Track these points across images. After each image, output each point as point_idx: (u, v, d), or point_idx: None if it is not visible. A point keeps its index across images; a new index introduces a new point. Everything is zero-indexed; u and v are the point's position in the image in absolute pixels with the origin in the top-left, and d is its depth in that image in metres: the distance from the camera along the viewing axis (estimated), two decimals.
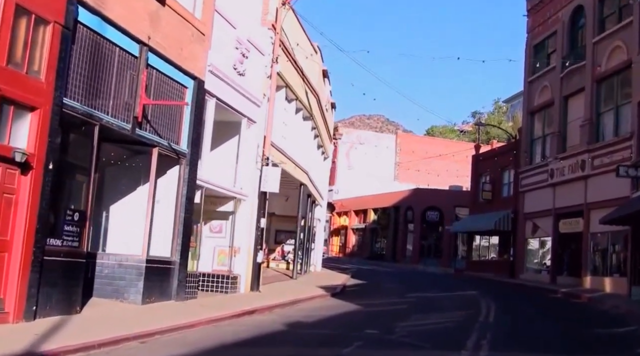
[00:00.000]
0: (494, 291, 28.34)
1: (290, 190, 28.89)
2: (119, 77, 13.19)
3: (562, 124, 35.18)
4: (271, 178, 19.41)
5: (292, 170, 24.70)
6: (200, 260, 19.01)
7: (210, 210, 18.95)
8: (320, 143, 33.54)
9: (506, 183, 44.10)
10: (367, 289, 26.58)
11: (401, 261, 58.03)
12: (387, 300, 21.34)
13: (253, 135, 19.55)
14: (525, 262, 38.64)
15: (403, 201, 59.95)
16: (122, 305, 13.82)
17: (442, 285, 31.18)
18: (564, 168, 33.64)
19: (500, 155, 45.41)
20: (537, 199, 37.08)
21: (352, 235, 70.17)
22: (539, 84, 38.81)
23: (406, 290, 25.86)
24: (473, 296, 24.39)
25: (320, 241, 37.16)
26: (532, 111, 39.62)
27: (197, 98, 15.86)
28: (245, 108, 18.72)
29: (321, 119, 31.09)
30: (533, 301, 25.00)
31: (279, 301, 17.67)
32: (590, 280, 30.29)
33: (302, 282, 25.53)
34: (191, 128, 15.70)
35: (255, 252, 19.53)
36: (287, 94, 23.89)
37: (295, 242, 27.30)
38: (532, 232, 38.18)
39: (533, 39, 40.26)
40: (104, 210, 15.58)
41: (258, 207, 19.72)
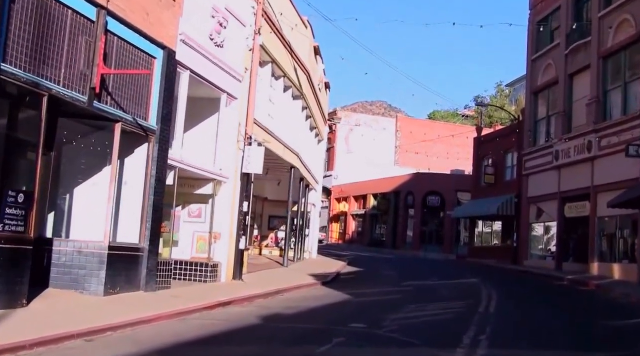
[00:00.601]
0: (497, 279, 27.01)
1: (282, 174, 27.56)
2: (72, 43, 11.76)
3: (567, 104, 33.79)
4: (254, 159, 18.00)
5: (281, 151, 23.30)
6: (179, 247, 17.75)
7: (187, 193, 17.60)
8: (314, 125, 32.10)
9: (509, 167, 42.68)
10: (363, 277, 25.25)
11: (402, 248, 56.69)
12: (381, 289, 19.99)
13: (234, 113, 18.13)
14: (530, 248, 37.35)
15: (403, 186, 58.49)
16: (81, 296, 12.46)
17: (442, 273, 29.84)
18: (570, 149, 32.30)
19: (502, 137, 43.93)
20: (541, 182, 35.77)
21: (352, 222, 68.74)
22: (542, 62, 37.35)
23: (403, 278, 24.52)
24: (474, 285, 23.04)
25: (315, 227, 35.80)
26: (535, 91, 38.19)
27: (168, 71, 14.44)
28: (224, 83, 17.29)
29: (314, 99, 29.64)
30: (537, 289, 23.67)
31: (262, 291, 16.32)
32: (597, 267, 28.98)
33: (293, 270, 24.21)
34: (161, 103, 14.28)
35: (238, 237, 18.15)
36: (274, 71, 22.47)
37: (286, 228, 25.92)
38: (536, 216, 36.82)
39: (536, 16, 38.78)
40: (66, 192, 14.21)
41: (240, 189, 18.33)
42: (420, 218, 57.33)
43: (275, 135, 22.41)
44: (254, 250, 32.25)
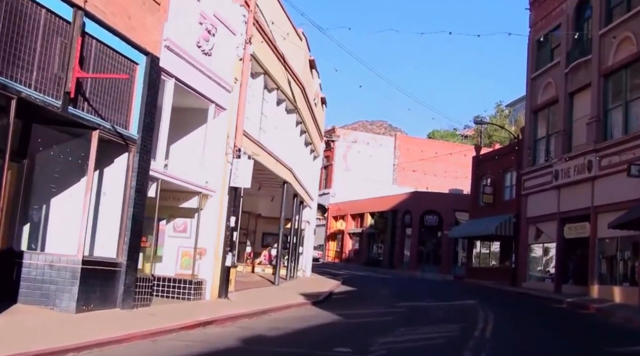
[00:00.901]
0: (494, 301, 26.23)
1: (275, 189, 26.90)
2: (46, 44, 11.12)
3: (567, 122, 33.19)
4: (242, 172, 17.31)
5: (273, 166, 22.63)
6: (163, 263, 17.04)
7: (172, 206, 16.90)
8: (309, 140, 31.47)
9: (508, 186, 42.00)
10: (356, 297, 24.46)
11: (399, 267, 55.82)
12: (374, 309, 19.22)
13: (223, 124, 17.48)
14: (528, 269, 36.56)
15: (401, 204, 57.74)
16: (51, 313, 11.71)
17: (439, 294, 29.04)
18: (570, 169, 31.65)
19: (501, 156, 43.29)
20: (540, 202, 35.08)
21: (349, 240, 67.89)
22: (542, 81, 36.81)
23: (398, 299, 23.75)
24: (470, 306, 22.27)
25: (309, 245, 35.04)
26: (535, 109, 37.61)
27: (151, 77, 13.79)
28: (212, 93, 16.65)
29: (309, 114, 29.04)
30: (536, 311, 22.89)
31: (248, 310, 15.56)
32: (597, 289, 28.20)
33: (284, 289, 23.43)
34: (143, 111, 13.61)
35: (225, 254, 17.42)
36: (267, 82, 21.87)
37: (278, 246, 25.19)
38: (535, 237, 36.07)
39: (536, 34, 38.29)
40: (42, 203, 13.49)
41: (228, 204, 17.63)
42: (418, 238, 56.52)
43: (267, 149, 21.76)
44: (246, 268, 31.51)
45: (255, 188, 26.82)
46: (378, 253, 62.42)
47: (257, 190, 27.06)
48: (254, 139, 20.03)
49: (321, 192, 72.35)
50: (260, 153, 20.67)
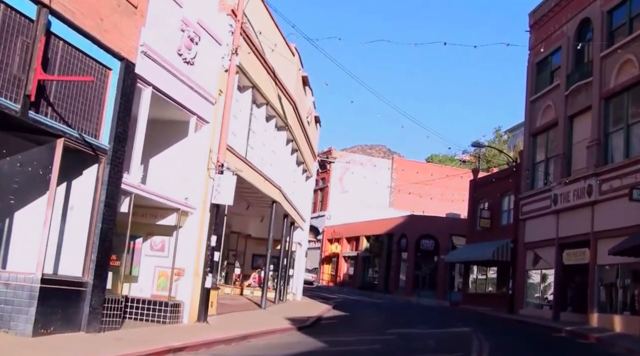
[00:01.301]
0: (490, 329, 25.21)
1: (264, 209, 26.01)
2: (5, 42, 10.26)
3: (567, 146, 32.43)
4: (225, 189, 16.40)
5: (261, 184, 21.73)
6: (139, 283, 16.07)
7: (149, 223, 15.97)
8: (301, 159, 30.61)
9: (505, 210, 41.09)
10: (345, 323, 23.42)
11: (394, 292, 54.67)
12: (362, 336, 18.19)
13: (205, 138, 16.61)
14: (526, 296, 35.55)
15: (397, 228, 56.75)
16: (4, 336, 10.72)
17: (432, 320, 28.00)
18: (569, 193, 30.81)
19: (499, 179, 42.45)
20: (538, 227, 34.20)
21: (344, 264, 66.78)
22: (542, 104, 36.12)
23: (389, 325, 22.73)
24: (465, 335, 21.24)
25: (301, 267, 34.01)
26: (534, 132, 36.88)
27: (125, 84, 12.92)
28: (194, 105, 15.79)
29: (301, 132, 28.20)
30: (534, 341, 21.86)
31: (226, 335, 14.57)
32: (597, 318, 27.20)
33: (270, 313, 22.40)
34: (115, 120, 12.73)
35: (205, 274, 16.44)
36: (256, 97, 21.06)
37: (266, 267, 24.20)
38: (533, 263, 35.10)
39: (536, 56, 37.72)
40: (4, 216, 12.53)
41: (209, 222, 16.69)
42: (414, 262, 55.47)
43: (254, 166, 20.88)
44: (235, 290, 30.48)
45: (243, 207, 25.95)
46: (373, 277, 61.30)
47: (245, 209, 26.17)
48: (240, 155, 19.16)
49: (317, 214, 71.49)
50: (246, 170, 19.79)
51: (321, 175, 72.06)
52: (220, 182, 16.37)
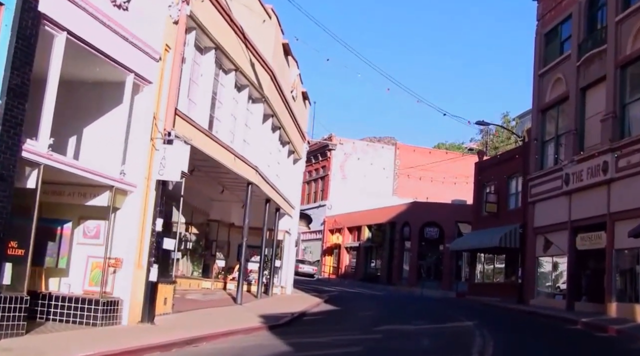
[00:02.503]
0: (496, 322, 22.51)
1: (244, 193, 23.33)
2: None
3: (579, 121, 29.73)
4: (172, 162, 13.66)
5: (231, 162, 18.98)
6: (70, 277, 13.39)
7: (78, 204, 13.25)
8: (286, 138, 27.85)
9: (513, 194, 38.29)
10: (331, 319, 20.68)
11: (397, 283, 51.90)
12: (343, 336, 15.44)
13: (148, 101, 13.85)
14: (536, 285, 32.87)
15: (399, 216, 53.90)
16: None
17: (432, 313, 25.27)
18: (582, 172, 28.17)
19: (506, 161, 39.61)
20: (549, 210, 31.54)
21: (346, 255, 63.97)
22: (551, 77, 33.36)
23: (380, 321, 20.01)
24: (467, 330, 18.49)
25: (290, 257, 31.25)
26: (543, 108, 34.10)
27: (22, 24, 10.18)
28: (130, 60, 13.02)
29: (284, 107, 25.40)
30: (546, 335, 19.09)
31: (169, 339, 11.85)
32: (616, 308, 24.55)
33: (245, 309, 19.66)
34: (9, 70, 10.00)
35: (149, 266, 13.72)
36: (222, 62, 18.35)
37: (241, 258, 21.45)
38: (543, 249, 32.32)
39: (544, 27, 34.93)
40: None
41: (155, 202, 13.93)
42: (417, 252, 52.66)
43: (220, 141, 18.13)
44: (216, 284, 27.85)
45: (217, 191, 23.31)
46: (376, 268, 58.55)
47: (220, 193, 23.51)
48: (199, 126, 16.41)
49: (317, 204, 68.80)
50: (209, 145, 17.07)
51: (321, 163, 69.33)
52: (166, 154, 13.62)
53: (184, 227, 24.79)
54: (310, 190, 71.94)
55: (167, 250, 15.38)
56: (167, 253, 15.52)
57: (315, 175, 71.09)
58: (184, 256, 26.68)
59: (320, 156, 69.78)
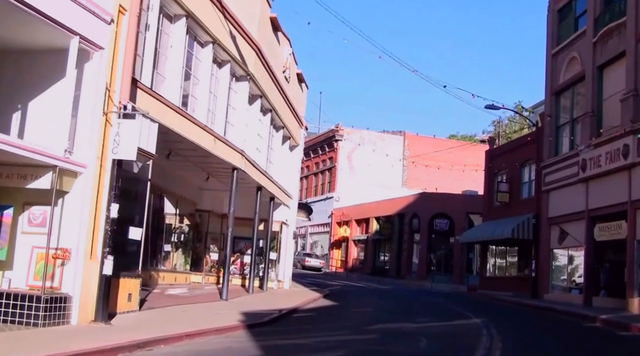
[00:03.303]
0: (507, 320, 20.62)
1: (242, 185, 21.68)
2: None
3: (596, 102, 27.80)
4: (128, 138, 11.86)
5: (210, 144, 17.19)
6: (14, 270, 11.67)
7: (20, 188, 11.51)
8: (279, 122, 26.02)
9: (526, 182, 36.26)
10: (324, 316, 18.83)
11: (406, 277, 49.98)
12: (329, 336, 13.63)
13: (99, 69, 12.04)
14: (551, 279, 30.86)
15: (408, 207, 51.93)
16: None
17: (438, 310, 23.41)
18: (600, 157, 26.28)
19: (518, 147, 37.57)
20: (564, 199, 29.64)
21: (354, 248, 62.04)
22: (565, 56, 31.37)
23: (379, 319, 18.17)
24: (473, 329, 16.65)
25: (288, 250, 29.42)
26: (557, 90, 32.08)
27: None
28: (75, 22, 11.22)
29: (274, 88, 23.55)
30: (561, 334, 17.24)
31: (121, 342, 10.13)
32: (638, 303, 22.73)
33: (229, 306, 17.86)
34: None
35: (103, 257, 11.94)
36: (195, 32, 16.59)
37: (226, 249, 19.65)
38: (559, 240, 30.36)
39: (557, 2, 32.85)
40: None
41: (110, 185, 12.14)
42: (427, 244, 50.67)
43: (197, 120, 16.37)
44: (208, 278, 26.16)
45: (202, 178, 21.57)
46: (384, 261, 56.62)
47: (205, 180, 21.77)
48: (169, 102, 14.65)
49: (324, 196, 66.95)
50: (182, 123, 15.31)
51: (328, 154, 67.49)
52: (121, 130, 11.83)
53: (173, 218, 23.15)
54: (318, 182, 70.14)
55: (133, 241, 13.65)
56: (134, 244, 13.77)
57: (322, 166, 69.24)
58: (177, 249, 25.03)
59: (327, 147, 67.93)
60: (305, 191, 72.80)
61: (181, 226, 24.23)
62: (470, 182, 55.25)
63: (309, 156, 72.50)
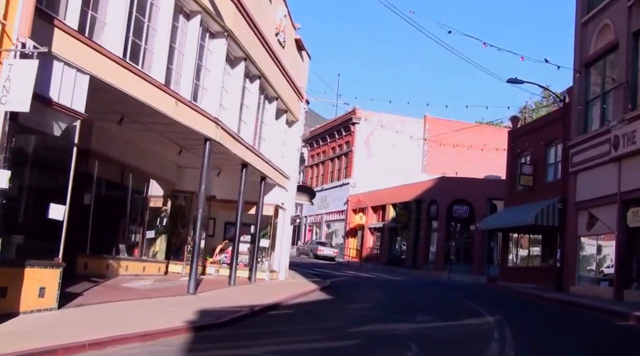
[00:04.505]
0: (525, 318, 17.76)
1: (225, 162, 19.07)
2: None
3: (631, 72, 24.85)
4: (22, 82, 9.07)
5: (171, 109, 14.43)
6: None
7: None
8: (272, 93, 23.16)
9: (552, 164, 33.08)
10: (307, 314, 15.98)
11: (423, 267, 46.92)
12: (296, 344, 10.81)
13: None
14: (578, 269, 27.81)
15: (426, 193, 48.78)
16: None
17: (448, 305, 20.60)
18: (635, 133, 23.52)
19: (544, 126, 34.36)
20: (594, 181, 26.64)
21: (370, 236, 59.03)
22: (596, 24, 28.22)
23: (372, 317, 15.36)
24: (483, 330, 13.81)
25: (285, 237, 26.57)
26: (587, 62, 28.90)
27: None
28: None
29: (264, 52, 20.69)
30: (589, 338, 14.28)
31: None
32: None
33: (189, 302, 14.93)
34: None
35: None
36: None
37: (195, 235, 16.88)
38: (587, 226, 27.29)
39: None
40: None
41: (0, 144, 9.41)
42: (445, 232, 47.53)
43: (150, 77, 13.62)
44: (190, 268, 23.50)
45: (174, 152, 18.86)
46: (400, 250, 53.59)
47: (178, 154, 19.05)
48: (105, 50, 11.87)
49: (340, 182, 64.02)
50: (126, 79, 12.54)
51: (345, 138, 64.54)
52: (12, 74, 9.07)
53: (143, 199, 20.50)
54: (334, 168, 67.25)
55: (54, 221, 10.96)
56: (55, 226, 11.07)
57: (338, 151, 66.30)
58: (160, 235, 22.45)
59: (343, 131, 64.97)
60: (322, 177, 69.96)
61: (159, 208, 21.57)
62: (494, 167, 51.87)
63: (325, 141, 69.58)
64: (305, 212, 71.69)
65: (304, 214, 72.26)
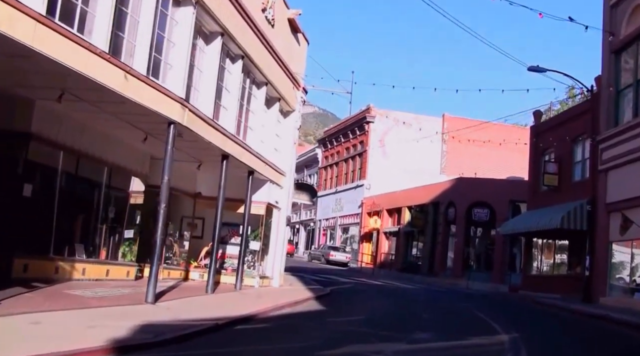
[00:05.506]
0: (546, 336, 15.04)
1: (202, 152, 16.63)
2: None
3: None
4: None
5: (119, 83, 11.98)
6: None
7: None
8: (261, 78, 20.66)
9: (579, 161, 30.25)
10: (281, 330, 13.37)
11: (440, 274, 44.04)
12: None
13: None
14: (609, 278, 24.91)
15: (443, 195, 45.92)
16: None
17: (455, 320, 17.93)
18: None
19: (570, 120, 31.52)
20: (627, 180, 23.96)
21: (385, 241, 56.20)
22: (627, 5, 25.51)
23: (357, 335, 12.76)
24: (492, 353, 11.13)
25: (280, 239, 23.97)
26: (617, 48, 26.15)
27: None
28: None
29: (248, 29, 18.19)
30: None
31: None
32: None
33: (138, 313, 12.38)
34: None
35: None
36: None
37: (155, 235, 14.31)
38: (620, 230, 24.53)
39: None
40: None
41: None
42: (464, 237, 44.60)
43: (87, 42, 11.18)
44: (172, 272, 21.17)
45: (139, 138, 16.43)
46: (416, 256, 50.73)
47: (142, 141, 16.58)
48: (23, 6, 9.46)
49: (355, 184, 61.36)
50: (59, 44, 10.17)
51: (359, 137, 61.91)
52: None
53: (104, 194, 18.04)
54: (348, 169, 64.59)
55: None
56: None
57: (352, 151, 63.65)
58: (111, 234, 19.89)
59: (357, 130, 62.35)
60: (336, 179, 67.35)
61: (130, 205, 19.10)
62: (517, 168, 48.91)
63: (339, 141, 67.00)
64: (320, 216, 69.14)
65: (318, 217, 69.72)
